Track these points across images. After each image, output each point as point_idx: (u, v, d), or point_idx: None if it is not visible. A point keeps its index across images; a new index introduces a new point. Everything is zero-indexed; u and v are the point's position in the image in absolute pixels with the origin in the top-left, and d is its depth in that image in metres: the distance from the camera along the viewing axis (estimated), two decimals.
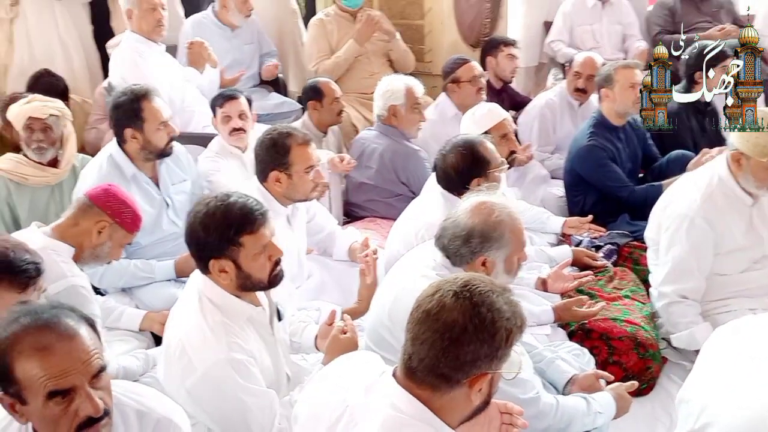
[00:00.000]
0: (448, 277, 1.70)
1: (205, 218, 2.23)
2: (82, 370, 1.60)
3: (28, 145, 3.50)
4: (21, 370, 1.58)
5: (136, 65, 4.07)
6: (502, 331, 1.61)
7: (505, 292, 1.67)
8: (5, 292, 2.15)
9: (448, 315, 1.60)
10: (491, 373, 1.65)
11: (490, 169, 2.97)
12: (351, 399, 1.73)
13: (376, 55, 5.01)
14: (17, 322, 1.61)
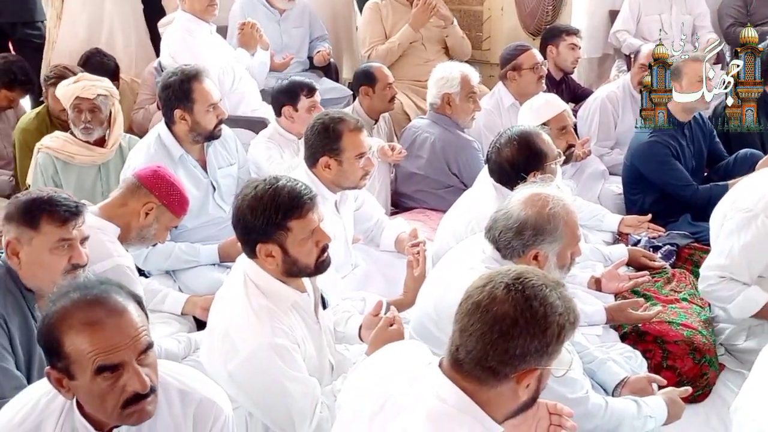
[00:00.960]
0: (501, 269, 1.66)
1: (253, 201, 2.20)
2: (131, 346, 1.61)
3: (75, 124, 3.51)
4: (70, 345, 1.59)
5: (188, 45, 4.05)
6: (554, 326, 1.57)
7: (559, 287, 1.63)
8: (46, 224, 2.18)
9: (498, 307, 1.56)
10: (540, 369, 1.61)
11: (546, 162, 2.87)
12: (395, 388, 1.69)
13: (431, 42, 4.91)
14: (67, 296, 1.63)
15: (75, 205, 2.25)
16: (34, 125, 4.02)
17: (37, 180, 3.51)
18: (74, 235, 2.23)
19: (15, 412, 1.73)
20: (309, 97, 3.74)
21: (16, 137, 4.08)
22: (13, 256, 2.20)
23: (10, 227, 2.20)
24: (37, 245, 2.19)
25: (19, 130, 4.06)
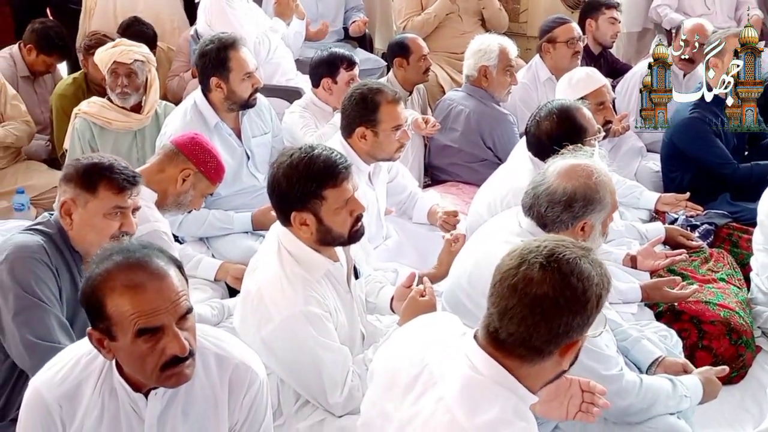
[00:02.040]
0: (530, 245, 1.62)
1: (288, 170, 2.20)
2: (171, 309, 1.63)
3: (112, 89, 3.53)
4: (113, 306, 1.61)
5: (225, 14, 4.05)
6: (593, 298, 1.57)
7: (589, 253, 1.62)
8: (103, 190, 2.21)
9: (537, 288, 1.54)
10: (582, 339, 1.61)
11: (586, 137, 2.83)
12: (430, 358, 1.68)
13: (467, 14, 4.85)
14: (110, 259, 1.65)
15: (133, 176, 2.28)
16: (71, 91, 4.05)
17: (74, 145, 3.54)
18: (128, 204, 2.26)
19: (56, 371, 1.75)
20: (349, 71, 3.71)
21: (53, 102, 4.12)
22: (66, 216, 2.23)
23: (67, 188, 2.23)
24: (92, 209, 2.22)
25: (56, 96, 4.10)
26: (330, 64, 3.72)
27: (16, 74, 4.34)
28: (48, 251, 2.19)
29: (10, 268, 2.13)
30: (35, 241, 2.19)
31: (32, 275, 2.13)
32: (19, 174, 3.94)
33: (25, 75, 4.40)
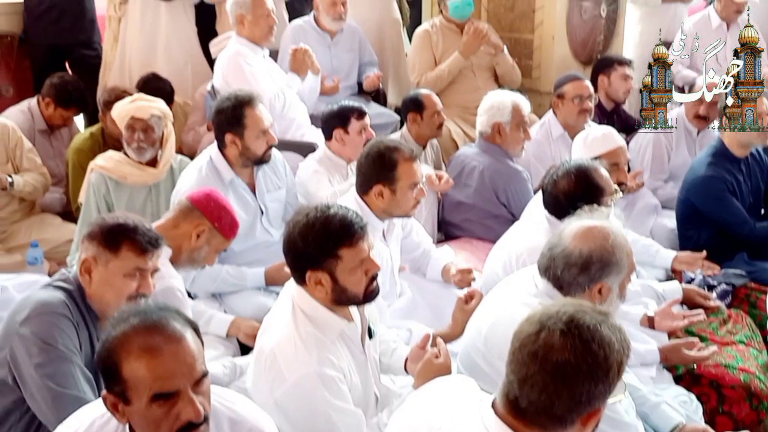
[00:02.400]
0: (549, 311, 1.61)
1: (305, 229, 2.21)
2: (187, 374, 1.62)
3: (128, 143, 3.55)
4: (128, 370, 1.60)
5: (241, 70, 4.08)
6: (615, 364, 1.56)
7: (608, 319, 1.61)
8: (126, 251, 2.23)
9: (558, 356, 1.53)
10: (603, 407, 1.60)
11: (603, 197, 2.83)
12: (446, 426, 1.66)
13: (481, 69, 4.88)
14: (127, 321, 1.64)
15: (156, 238, 2.30)
16: (87, 145, 4.08)
17: (89, 199, 3.55)
18: (149, 266, 2.27)
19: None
20: (359, 120, 3.73)
21: (69, 156, 4.14)
22: (86, 274, 2.24)
23: (90, 246, 2.24)
24: (113, 268, 2.23)
25: (72, 150, 4.12)
26: (341, 115, 3.75)
27: (33, 128, 4.39)
28: (69, 307, 2.20)
29: (34, 323, 2.13)
30: (57, 298, 2.20)
31: (56, 329, 2.14)
32: (33, 227, 3.95)
33: (42, 129, 4.45)
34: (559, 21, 4.88)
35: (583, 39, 5.05)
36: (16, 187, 3.88)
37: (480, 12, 5.10)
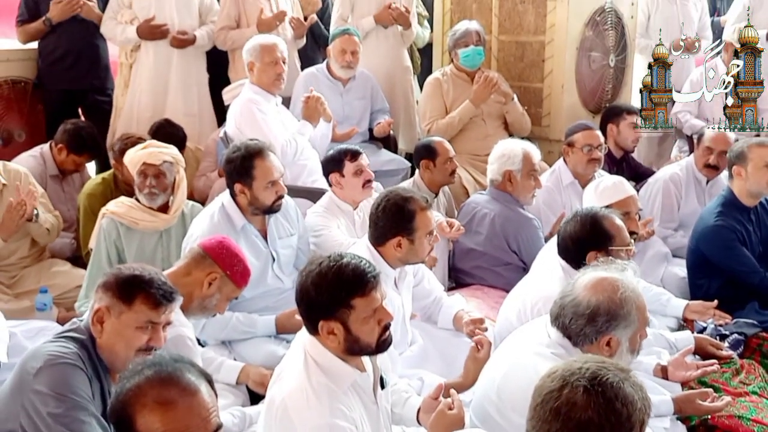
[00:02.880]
0: (572, 367, 1.61)
1: (318, 278, 2.21)
2: (201, 427, 1.64)
3: (140, 189, 3.57)
4: (143, 423, 1.61)
5: (254, 118, 4.12)
6: (637, 423, 1.57)
7: (630, 376, 1.62)
8: (140, 303, 2.23)
9: (581, 414, 1.53)
10: None
11: (612, 245, 2.83)
12: None
13: (491, 117, 4.92)
14: (141, 374, 1.65)
15: (171, 292, 2.29)
16: (99, 190, 4.10)
17: (99, 245, 3.56)
18: (162, 320, 2.26)
19: None
20: (353, 161, 3.76)
21: (80, 201, 4.16)
22: (98, 324, 2.24)
23: (104, 296, 2.24)
24: (125, 320, 2.22)
25: (84, 195, 4.14)
26: (335, 159, 3.80)
27: (45, 173, 4.42)
28: (82, 358, 2.19)
29: (47, 375, 2.12)
30: (69, 350, 2.19)
31: (71, 378, 2.13)
32: (42, 272, 3.94)
33: (54, 174, 4.48)
34: (568, 70, 4.92)
35: (591, 88, 5.10)
36: (40, 221, 3.88)
37: (490, 61, 5.15)
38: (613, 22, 5.06)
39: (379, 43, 5.41)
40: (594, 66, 5.05)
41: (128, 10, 4.99)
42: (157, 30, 4.93)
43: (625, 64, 5.25)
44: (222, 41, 5.10)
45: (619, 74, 5.25)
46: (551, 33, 4.89)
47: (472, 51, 4.84)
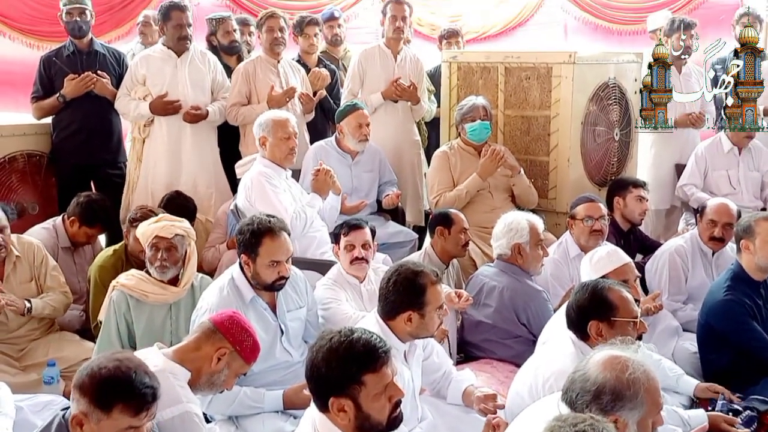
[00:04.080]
0: None
1: (328, 353, 2.21)
2: None
3: (151, 262, 3.59)
4: None
5: (264, 191, 4.17)
6: None
7: None
8: (119, 414, 2.18)
9: None
10: None
11: (615, 316, 2.81)
12: None
13: (498, 190, 4.96)
14: None
15: (153, 392, 2.23)
16: (110, 263, 4.12)
17: (109, 317, 3.56)
18: (143, 423, 2.22)
19: None
20: (345, 236, 3.80)
21: (91, 273, 4.17)
22: (77, 427, 2.20)
23: (81, 400, 2.19)
24: (105, 427, 2.18)
25: (95, 267, 4.15)
26: (334, 232, 3.93)
27: (57, 245, 4.44)
28: None
29: None
30: None
31: None
32: (51, 345, 3.92)
33: (65, 246, 4.50)
34: (573, 144, 4.98)
35: (597, 161, 5.15)
36: (34, 312, 3.88)
37: (497, 135, 5.22)
38: (617, 98, 5.14)
39: (387, 117, 5.51)
40: (599, 140, 5.11)
41: (142, 87, 5.11)
42: (170, 106, 5.03)
43: (629, 138, 5.31)
44: (233, 117, 5.19)
45: (624, 148, 5.30)
46: (556, 108, 4.96)
47: (479, 125, 4.91)
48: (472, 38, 8.32)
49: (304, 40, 5.73)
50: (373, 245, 3.88)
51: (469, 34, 8.24)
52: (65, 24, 5.14)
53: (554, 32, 8.66)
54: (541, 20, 8.65)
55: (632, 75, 5.25)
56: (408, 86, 5.42)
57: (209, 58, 5.33)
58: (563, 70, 4.91)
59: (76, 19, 5.09)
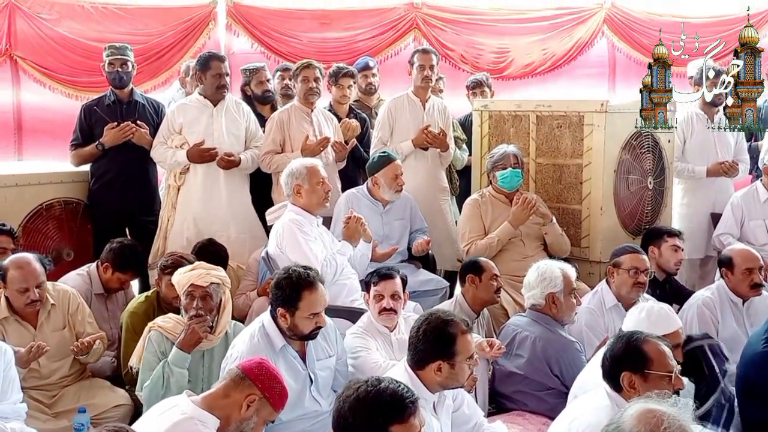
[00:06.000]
0: None
1: (355, 403, 2.21)
2: None
3: (186, 311, 3.60)
4: None
5: (296, 239, 4.20)
6: None
7: None
8: None
9: None
10: None
11: (649, 368, 2.75)
12: None
13: (530, 238, 4.93)
14: None
15: None
16: (142, 309, 4.15)
17: (147, 357, 3.57)
18: None
19: None
20: (375, 285, 3.82)
21: (123, 319, 4.19)
22: None
23: None
24: None
25: (127, 313, 4.18)
26: (365, 281, 3.93)
27: (90, 291, 4.48)
28: None
29: None
30: None
31: None
32: (81, 392, 3.92)
33: (98, 292, 4.53)
34: (606, 193, 4.95)
35: (630, 210, 5.10)
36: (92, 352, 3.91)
37: (528, 183, 5.21)
38: (650, 146, 5.12)
39: (417, 165, 5.52)
40: (632, 188, 5.08)
41: (178, 136, 5.20)
42: (207, 153, 5.11)
43: (663, 187, 5.27)
44: (267, 164, 5.26)
45: (658, 196, 5.26)
46: (588, 156, 4.95)
47: (510, 173, 4.91)
48: (518, 75, 8.24)
49: (338, 91, 5.81)
50: (403, 295, 3.87)
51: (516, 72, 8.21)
52: (107, 74, 5.27)
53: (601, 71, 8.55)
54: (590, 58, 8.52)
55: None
56: (438, 133, 5.45)
57: (243, 108, 5.42)
58: (595, 119, 4.91)
59: (118, 70, 5.22)
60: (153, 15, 7.37)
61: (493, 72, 7.55)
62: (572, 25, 8.39)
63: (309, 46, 7.64)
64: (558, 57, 8.37)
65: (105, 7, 7.19)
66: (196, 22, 7.43)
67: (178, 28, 7.38)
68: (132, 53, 5.33)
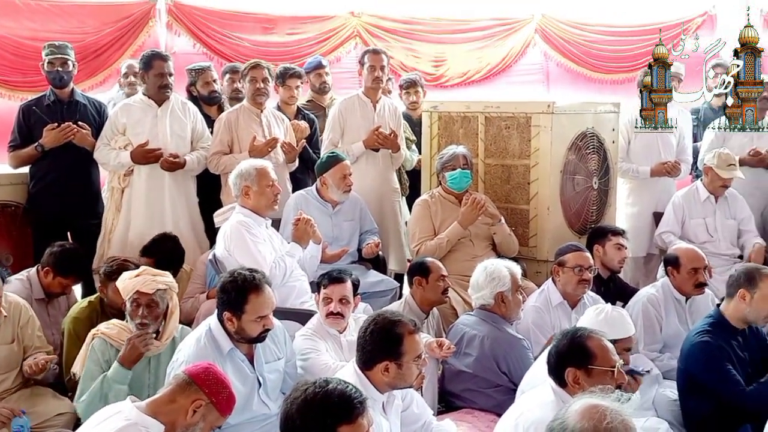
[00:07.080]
0: None
1: (303, 405, 2.19)
2: None
3: (131, 318, 3.53)
4: None
5: (243, 240, 4.15)
6: None
7: None
8: None
9: None
10: None
11: (592, 364, 2.78)
12: None
13: (479, 238, 4.96)
14: None
15: None
16: (85, 314, 4.05)
17: (89, 366, 3.49)
18: None
19: None
20: (324, 288, 3.81)
21: (65, 325, 4.09)
22: None
23: None
24: None
25: (69, 319, 4.07)
26: (316, 284, 3.91)
27: (31, 297, 4.33)
28: None
29: None
30: None
31: None
32: (22, 399, 3.79)
33: (39, 297, 4.39)
34: (552, 193, 5.01)
35: (576, 210, 5.18)
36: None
37: (477, 183, 5.25)
38: (595, 147, 5.21)
39: (368, 166, 5.52)
40: (578, 188, 5.15)
41: (122, 137, 5.11)
42: (151, 154, 5.02)
43: (608, 187, 5.36)
44: (215, 165, 5.20)
45: (603, 196, 5.35)
46: (536, 157, 5.01)
47: (459, 174, 4.94)
48: (456, 83, 8.47)
49: (285, 91, 5.78)
50: (353, 300, 3.86)
51: (453, 80, 8.41)
52: (47, 74, 5.14)
53: (536, 78, 8.81)
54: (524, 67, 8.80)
55: (610, 125, 5.33)
56: (389, 134, 5.45)
57: (190, 108, 5.35)
58: (542, 120, 4.97)
59: (58, 69, 5.09)
60: (89, 12, 7.20)
61: (431, 80, 7.68)
62: (506, 35, 8.70)
63: (251, 49, 7.60)
64: (493, 65, 8.66)
65: (38, 4, 6.97)
66: (135, 19, 7.30)
67: (116, 25, 7.24)
68: (73, 52, 5.21)
